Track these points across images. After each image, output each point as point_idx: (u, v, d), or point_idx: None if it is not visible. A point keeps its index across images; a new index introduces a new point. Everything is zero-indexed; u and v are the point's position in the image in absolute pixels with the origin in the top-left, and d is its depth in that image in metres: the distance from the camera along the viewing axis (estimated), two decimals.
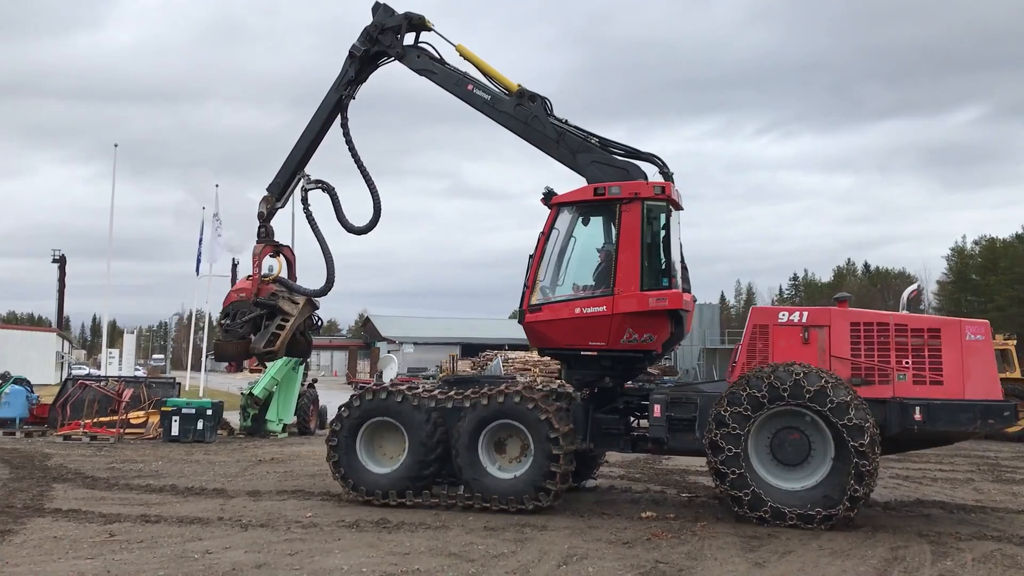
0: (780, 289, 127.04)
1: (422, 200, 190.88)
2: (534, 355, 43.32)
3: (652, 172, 12.63)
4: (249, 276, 14.40)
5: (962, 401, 11.00)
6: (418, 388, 12.71)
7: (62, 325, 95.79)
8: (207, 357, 51.03)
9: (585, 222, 12.45)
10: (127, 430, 21.91)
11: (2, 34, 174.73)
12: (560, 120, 12.89)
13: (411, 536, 9.90)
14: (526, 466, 11.57)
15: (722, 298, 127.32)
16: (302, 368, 24.15)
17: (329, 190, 14.47)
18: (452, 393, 12.29)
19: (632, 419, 12.52)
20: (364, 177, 14.41)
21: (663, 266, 12.02)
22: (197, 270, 39.68)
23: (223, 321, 14.43)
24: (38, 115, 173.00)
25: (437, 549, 9.21)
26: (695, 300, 13.28)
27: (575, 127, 12.86)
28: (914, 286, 14.64)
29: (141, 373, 63.43)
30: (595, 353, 12.07)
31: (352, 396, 12.58)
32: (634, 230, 11.80)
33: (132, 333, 50.85)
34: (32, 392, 23.71)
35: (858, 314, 11.72)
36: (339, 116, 14.13)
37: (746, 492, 10.76)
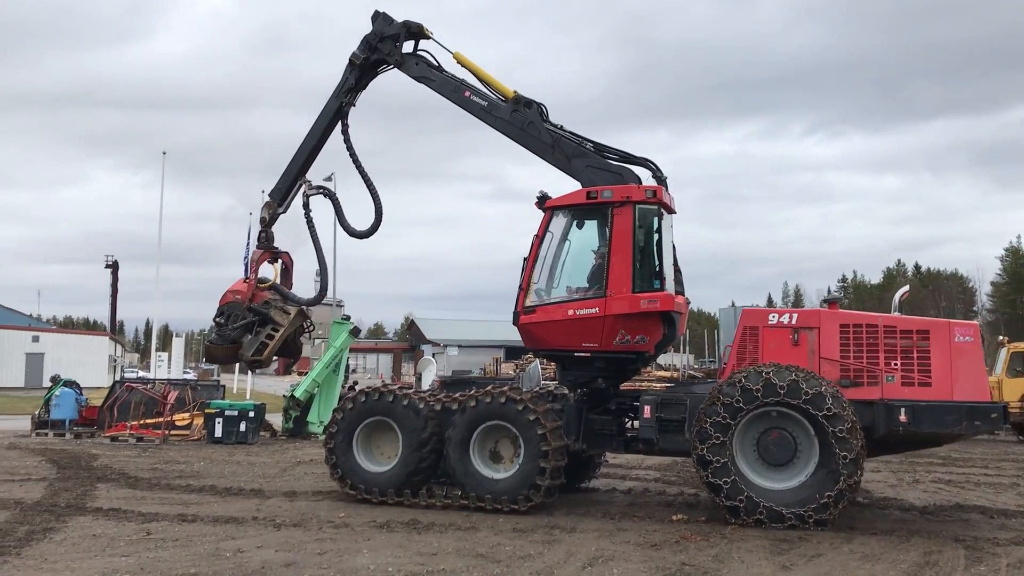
0: (828, 290, 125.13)
1: (467, 204, 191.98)
2: None
3: (646, 176, 12.72)
4: (246, 279, 14.58)
5: (947, 403, 10.94)
6: (420, 389, 12.91)
7: (116, 329, 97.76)
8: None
9: (579, 225, 12.60)
10: (172, 432, 22.39)
11: (60, 46, 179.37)
12: (555, 126, 13.04)
13: (440, 537, 9.99)
14: (517, 466, 11.72)
15: (769, 300, 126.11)
16: (343, 370, 24.43)
17: (331, 196, 14.66)
18: (445, 394, 12.53)
19: (626, 420, 12.54)
20: (365, 182, 14.54)
21: (655, 269, 12.18)
22: (245, 274, 40.33)
23: (217, 319, 14.56)
24: (93, 124, 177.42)
25: (464, 550, 9.28)
26: (688, 302, 13.38)
27: (570, 132, 13.02)
28: (905, 288, 14.70)
29: (191, 376, 64.56)
30: (588, 354, 12.20)
31: (357, 393, 12.88)
32: (626, 233, 11.95)
33: (181, 337, 51.75)
34: (81, 394, 24.28)
35: (847, 316, 11.78)
36: (340, 123, 14.30)
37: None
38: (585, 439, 12.38)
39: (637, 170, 12.70)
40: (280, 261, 14.87)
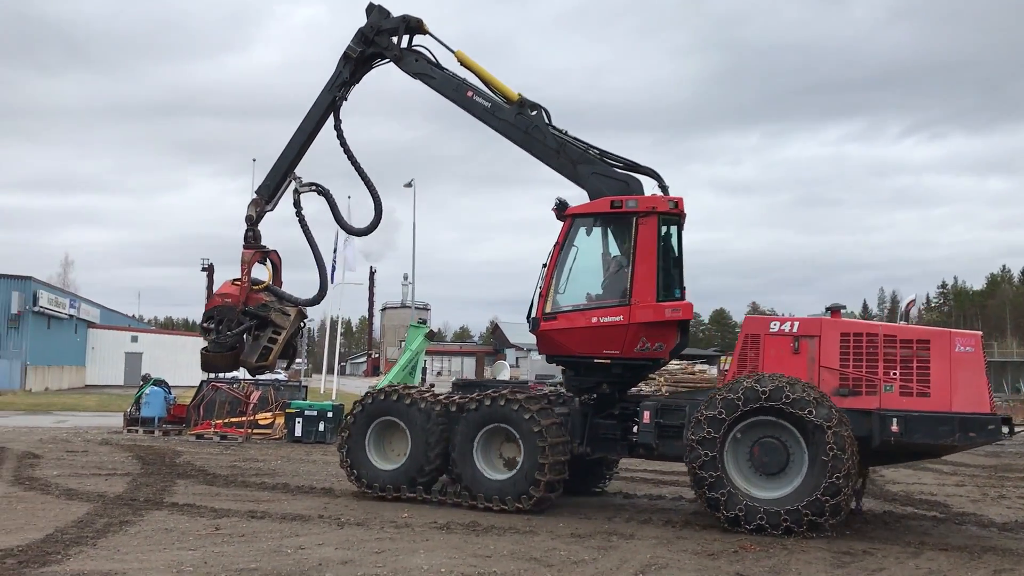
0: (927, 297, 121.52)
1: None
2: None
3: (650, 186, 12.76)
4: (235, 280, 14.07)
5: (940, 414, 10.69)
6: (426, 391, 13.27)
7: None
8: (339, 362, 52.85)
9: (599, 233, 12.67)
10: (255, 430, 23.05)
11: (163, 59, 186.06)
12: (560, 131, 12.96)
13: (497, 539, 10.07)
14: (517, 468, 11.94)
15: (864, 307, 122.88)
16: (419, 373, 24.75)
17: (324, 192, 14.28)
18: (449, 396, 12.90)
19: (631, 425, 12.51)
20: (362, 178, 14.34)
21: (676, 278, 12.36)
22: (331, 278, 41.21)
23: (205, 324, 14.14)
24: (193, 133, 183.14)
25: (519, 553, 9.33)
26: None
27: (574, 138, 12.93)
28: (913, 296, 14.37)
29: (282, 376, 66.22)
30: (608, 361, 12.30)
31: (367, 394, 13.31)
32: (651, 243, 12.05)
33: None
34: (170, 393, 25.19)
35: (848, 324, 11.64)
36: (332, 118, 14.05)
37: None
38: (589, 443, 12.51)
39: (641, 179, 12.78)
40: (269, 260, 14.36)
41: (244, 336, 14.04)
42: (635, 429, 12.32)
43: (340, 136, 14.19)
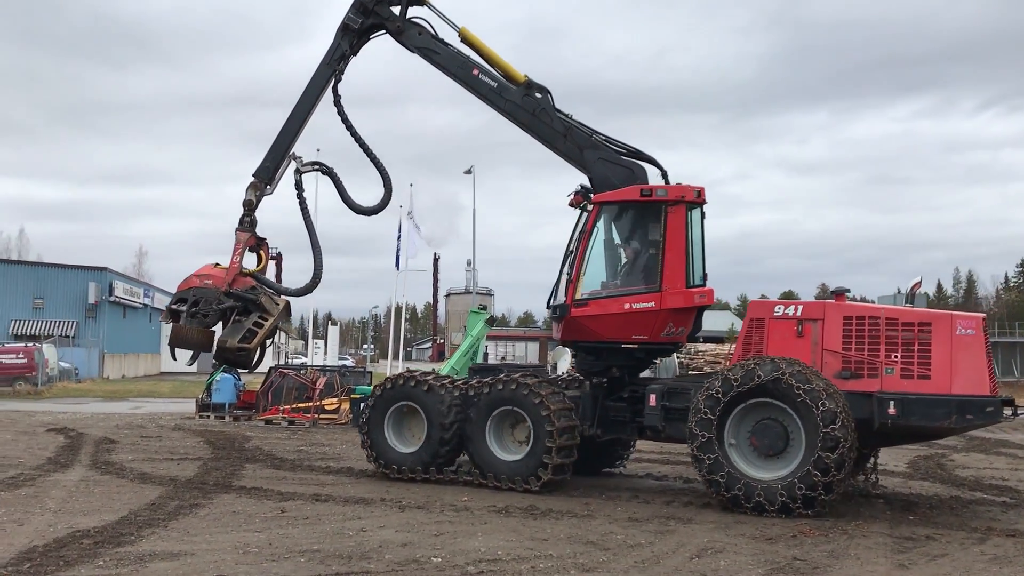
0: (1005, 277, 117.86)
1: None
2: (725, 348, 42.46)
3: (653, 174, 12.86)
4: (217, 263, 13.56)
5: (938, 396, 10.65)
6: (439, 376, 13.69)
7: None
8: (404, 348, 53.50)
9: (627, 221, 12.82)
10: (321, 416, 23.52)
11: (231, 52, 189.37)
12: (565, 115, 12.89)
13: (555, 523, 10.16)
14: (527, 449, 12.26)
15: (939, 287, 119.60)
16: (480, 358, 24.95)
17: (329, 172, 13.92)
18: (463, 380, 13.33)
19: (640, 407, 12.53)
20: (369, 156, 14.14)
21: (700, 265, 12.69)
22: (396, 265, 41.74)
23: (173, 307, 13.39)
24: (258, 124, 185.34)
25: (576, 537, 9.42)
26: None
27: (579, 123, 12.85)
28: (917, 278, 14.15)
29: (349, 362, 67.41)
30: (636, 345, 12.54)
31: (386, 380, 13.80)
32: (679, 231, 12.30)
33: (335, 325, 54.19)
34: (239, 380, 25.82)
35: (851, 308, 11.61)
36: (332, 94, 13.80)
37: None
38: (600, 424, 12.73)
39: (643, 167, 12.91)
40: (260, 251, 13.94)
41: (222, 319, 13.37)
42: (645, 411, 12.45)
43: (341, 112, 13.92)
